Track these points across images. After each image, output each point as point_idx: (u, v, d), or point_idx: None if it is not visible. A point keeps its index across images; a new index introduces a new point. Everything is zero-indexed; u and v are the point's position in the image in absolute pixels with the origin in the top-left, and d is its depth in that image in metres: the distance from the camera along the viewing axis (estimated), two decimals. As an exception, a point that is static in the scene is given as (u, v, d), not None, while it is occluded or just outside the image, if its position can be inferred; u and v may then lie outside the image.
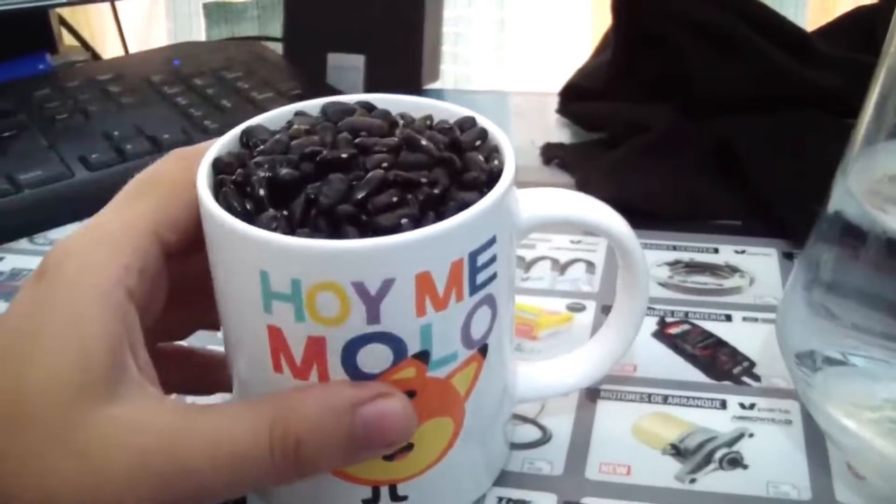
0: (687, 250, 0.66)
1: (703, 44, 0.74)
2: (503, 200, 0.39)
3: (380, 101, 0.45)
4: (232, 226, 0.37)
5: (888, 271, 0.44)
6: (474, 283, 0.39)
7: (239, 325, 0.41)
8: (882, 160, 0.45)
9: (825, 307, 0.46)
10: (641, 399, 0.52)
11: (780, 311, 0.50)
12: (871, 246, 0.44)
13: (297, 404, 0.37)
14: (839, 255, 0.46)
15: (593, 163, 0.75)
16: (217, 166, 0.41)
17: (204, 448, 0.35)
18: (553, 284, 0.62)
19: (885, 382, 0.44)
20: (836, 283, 0.46)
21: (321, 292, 0.37)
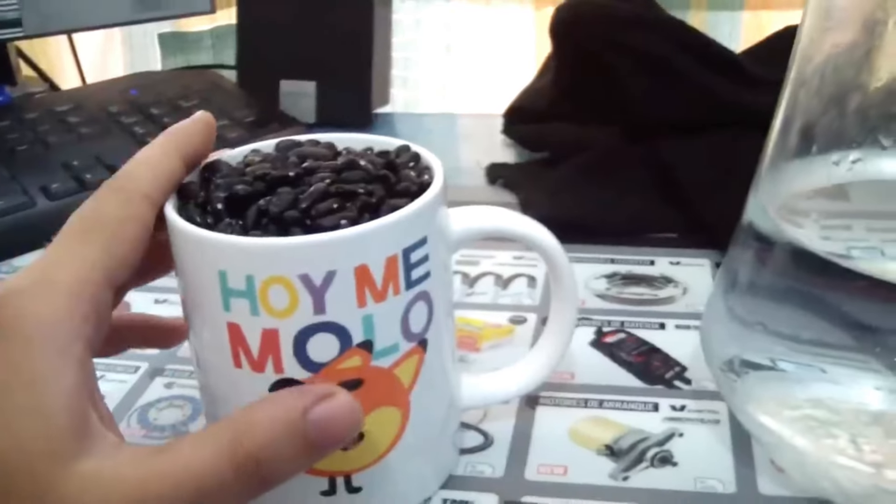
0: (624, 263, 0.69)
1: (639, 68, 0.77)
2: (432, 205, 0.44)
3: (327, 138, 0.49)
4: (194, 233, 0.42)
5: (803, 280, 0.47)
6: (409, 278, 0.43)
7: (202, 327, 0.44)
8: (789, 177, 0.48)
9: (746, 314, 0.49)
10: (578, 404, 0.55)
11: (704, 318, 0.53)
12: (785, 256, 0.47)
13: (249, 424, 0.38)
14: (755, 264, 0.49)
15: (536, 182, 0.78)
16: (181, 193, 0.45)
17: (171, 490, 0.36)
18: (496, 298, 0.65)
19: (807, 384, 0.47)
20: (754, 291, 0.49)
21: (272, 286, 0.41)
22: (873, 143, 0.46)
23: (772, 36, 0.87)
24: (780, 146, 0.48)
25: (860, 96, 0.46)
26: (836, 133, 0.47)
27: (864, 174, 0.47)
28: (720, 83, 0.76)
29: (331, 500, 0.46)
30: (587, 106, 0.81)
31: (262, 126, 0.90)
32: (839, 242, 0.49)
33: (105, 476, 0.36)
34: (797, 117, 0.48)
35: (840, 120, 0.47)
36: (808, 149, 0.48)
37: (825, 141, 0.47)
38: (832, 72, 0.47)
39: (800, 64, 0.48)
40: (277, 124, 0.91)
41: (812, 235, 0.49)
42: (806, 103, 0.47)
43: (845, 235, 0.49)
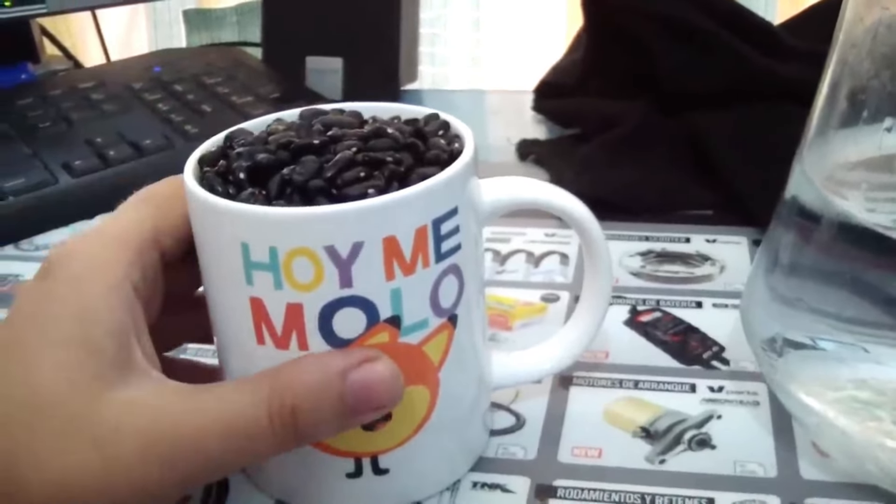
0: (659, 240, 0.67)
1: (672, 40, 0.75)
2: (463, 174, 0.42)
3: (352, 106, 0.48)
4: (214, 203, 0.40)
5: (846, 256, 0.45)
6: (439, 250, 0.41)
7: (224, 303, 0.43)
8: (835, 147, 0.46)
9: (788, 292, 0.48)
10: (613, 385, 0.53)
11: (745, 297, 0.52)
12: (829, 230, 0.45)
13: (291, 376, 0.39)
14: (798, 241, 0.47)
15: (567, 158, 0.76)
16: (202, 161, 0.44)
17: (207, 425, 0.37)
18: (528, 276, 0.64)
19: (850, 364, 0.45)
20: (797, 268, 0.48)
21: (297, 258, 0.39)
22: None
23: (810, 8, 0.85)
24: (827, 114, 0.46)
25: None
26: (890, 97, 0.45)
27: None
28: (755, 54, 0.74)
29: (356, 481, 0.44)
30: (619, 80, 0.79)
31: (287, 102, 0.88)
32: (886, 214, 0.47)
33: (146, 405, 0.37)
34: (846, 82, 0.46)
35: (893, 83, 0.44)
36: (857, 115, 0.46)
37: (877, 106, 0.45)
38: (886, 31, 0.45)
39: (849, 26, 0.46)
40: (303, 101, 0.89)
41: (857, 207, 0.47)
42: (856, 67, 0.45)
43: (892, 207, 0.48)
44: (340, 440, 0.43)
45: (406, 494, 0.46)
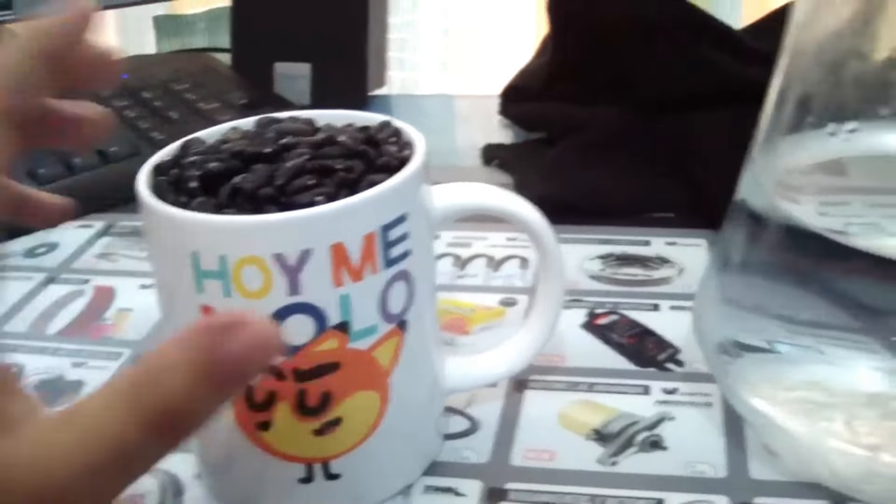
0: (619, 244, 0.68)
1: (637, 43, 0.76)
2: (412, 181, 0.42)
3: (307, 114, 0.48)
4: (164, 211, 0.41)
5: (796, 260, 0.46)
6: (388, 256, 0.42)
7: (175, 311, 0.43)
8: (784, 152, 0.47)
9: (739, 295, 0.48)
10: (568, 388, 0.53)
11: (697, 301, 0.52)
12: (778, 234, 0.46)
13: (150, 374, 0.32)
14: (749, 244, 0.48)
15: (531, 162, 0.77)
16: (157, 170, 0.44)
17: (78, 469, 0.31)
18: (487, 280, 0.64)
19: (803, 366, 0.46)
20: (749, 272, 0.48)
21: (246, 266, 0.40)
22: (871, 114, 0.45)
23: (773, 12, 0.85)
24: (776, 119, 0.47)
25: (859, 65, 0.45)
26: (833, 103, 0.45)
27: (861, 145, 0.46)
28: (720, 58, 0.75)
29: (308, 487, 0.45)
30: (584, 84, 0.80)
31: (255, 108, 0.88)
32: (837, 218, 0.48)
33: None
34: (793, 88, 0.46)
35: (837, 89, 0.45)
36: (804, 121, 0.46)
37: (822, 112, 0.46)
38: (831, 40, 0.45)
39: (797, 33, 0.46)
40: (271, 107, 0.90)
41: (809, 211, 0.48)
42: (802, 73, 0.46)
43: (844, 211, 0.48)
44: (290, 444, 0.43)
45: (358, 499, 0.46)
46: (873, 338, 0.44)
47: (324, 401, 0.42)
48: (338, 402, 0.43)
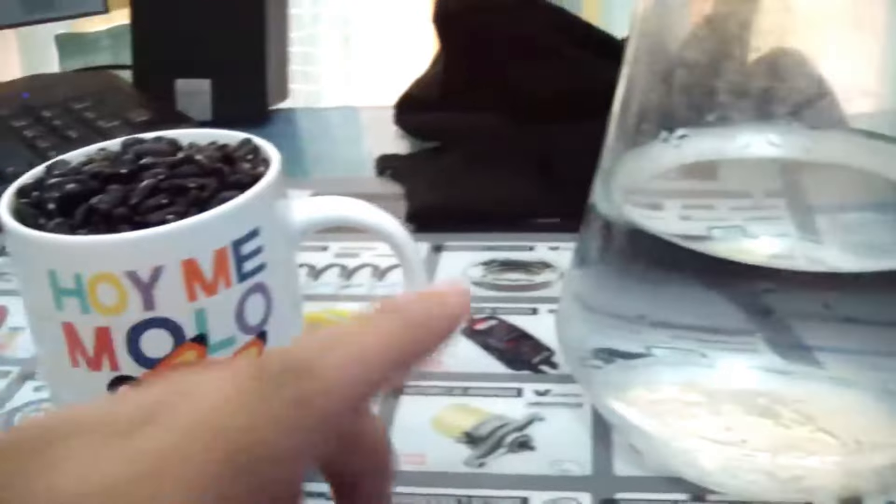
0: (504, 250, 0.69)
1: (523, 53, 0.77)
2: (263, 197, 0.44)
3: (172, 134, 0.49)
4: (22, 233, 0.42)
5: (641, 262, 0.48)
6: (241, 270, 0.43)
7: (40, 329, 0.45)
8: (629, 159, 0.49)
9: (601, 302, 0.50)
10: (443, 392, 0.55)
11: (560, 308, 0.53)
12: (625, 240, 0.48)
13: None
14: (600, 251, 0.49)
15: (422, 171, 0.78)
16: (20, 192, 0.45)
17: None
18: (372, 290, 0.66)
19: (677, 369, 0.47)
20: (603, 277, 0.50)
21: (100, 283, 0.41)
22: (699, 120, 0.47)
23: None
24: (619, 126, 0.49)
25: (685, 73, 0.47)
26: (665, 111, 0.47)
27: (690, 150, 0.47)
28: (602, 66, 0.76)
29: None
30: (473, 93, 0.81)
31: (155, 125, 0.88)
32: (700, 223, 0.49)
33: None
34: (632, 97, 0.48)
35: (668, 98, 0.47)
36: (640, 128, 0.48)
37: (656, 119, 0.47)
38: (661, 49, 0.47)
39: (635, 42, 0.48)
40: (172, 124, 0.90)
41: (671, 216, 0.50)
42: (639, 82, 0.48)
43: (707, 215, 0.50)
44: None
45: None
46: (736, 337, 0.45)
47: (198, 412, 0.43)
48: (201, 412, 0.44)
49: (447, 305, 0.33)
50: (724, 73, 0.47)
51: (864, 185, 0.50)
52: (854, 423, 0.44)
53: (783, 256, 0.49)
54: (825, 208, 0.51)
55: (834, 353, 0.45)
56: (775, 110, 0.47)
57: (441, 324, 0.32)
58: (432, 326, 0.32)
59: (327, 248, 0.71)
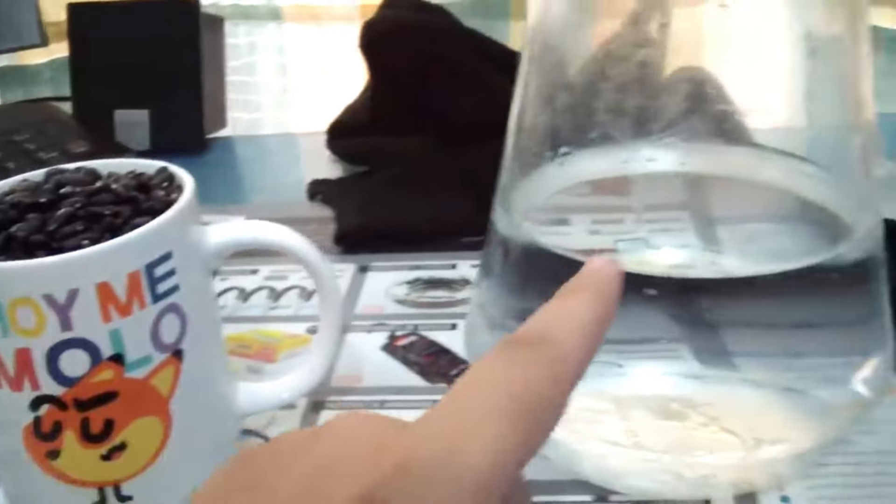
0: (427, 268, 0.72)
1: (446, 78, 0.80)
2: (175, 221, 0.46)
3: (93, 164, 0.51)
4: None
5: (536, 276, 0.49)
6: (155, 292, 0.45)
7: None
8: (527, 182, 0.51)
9: (500, 318, 0.52)
10: (362, 406, 0.57)
11: (467, 322, 0.56)
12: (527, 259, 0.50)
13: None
14: (504, 270, 0.52)
15: (351, 195, 0.81)
16: None
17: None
18: (299, 311, 0.68)
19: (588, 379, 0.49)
20: (506, 294, 0.52)
21: (19, 307, 0.43)
22: (581, 138, 0.50)
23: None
24: (514, 145, 0.51)
25: (566, 96, 0.50)
26: (551, 130, 0.50)
27: (575, 167, 0.50)
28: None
29: (103, 510, 0.48)
30: (400, 118, 0.84)
31: (94, 156, 0.90)
32: (607, 236, 0.52)
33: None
34: (525, 117, 0.51)
35: (553, 119, 0.49)
36: (530, 146, 0.50)
37: (543, 139, 0.50)
38: (547, 72, 0.50)
39: (525, 67, 0.51)
40: (111, 154, 0.92)
41: (578, 231, 0.52)
42: (529, 102, 0.50)
43: (615, 229, 0.52)
44: (80, 470, 0.46)
45: (152, 520, 0.49)
46: (667, 345, 0.47)
47: (107, 428, 0.46)
48: (120, 428, 0.46)
49: (604, 271, 0.35)
50: (612, 92, 0.49)
51: (763, 197, 0.53)
52: (755, 421, 0.47)
53: (684, 266, 0.51)
54: (726, 220, 0.53)
55: (745, 356, 0.47)
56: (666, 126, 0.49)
57: (613, 289, 0.34)
58: (611, 293, 0.34)
59: (258, 272, 0.73)
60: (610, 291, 0.34)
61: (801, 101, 0.50)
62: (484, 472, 0.28)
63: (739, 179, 0.53)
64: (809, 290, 0.47)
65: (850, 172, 0.51)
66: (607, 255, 0.50)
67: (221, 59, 1.03)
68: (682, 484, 0.48)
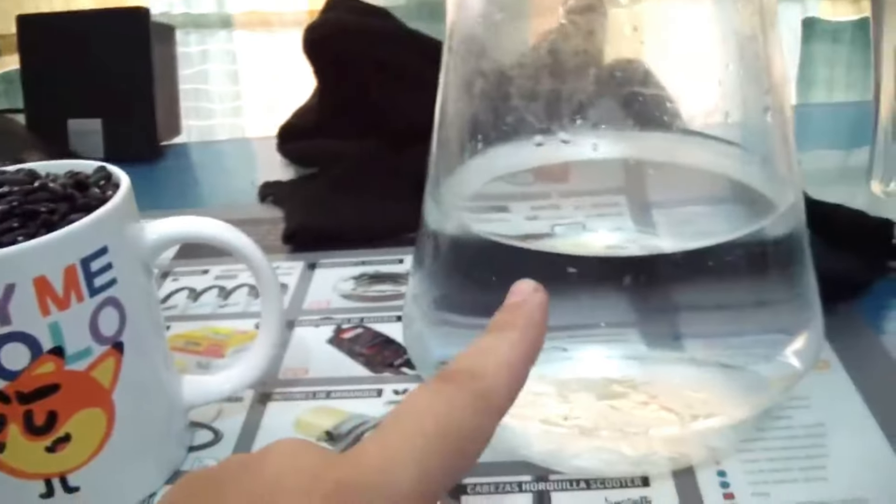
0: (374, 264, 0.73)
1: (387, 79, 0.81)
2: (110, 217, 0.47)
3: (32, 166, 0.53)
4: None
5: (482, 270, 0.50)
6: (92, 286, 0.46)
7: None
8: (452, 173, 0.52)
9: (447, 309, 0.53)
10: (308, 397, 0.58)
11: (404, 314, 0.57)
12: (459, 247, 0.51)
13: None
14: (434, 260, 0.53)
15: (299, 196, 0.82)
16: None
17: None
18: (248, 307, 0.69)
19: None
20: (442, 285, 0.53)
21: None
22: (494, 125, 0.51)
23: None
24: (438, 136, 0.53)
25: (483, 82, 0.51)
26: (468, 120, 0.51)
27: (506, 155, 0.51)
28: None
29: (51, 501, 0.49)
30: (345, 119, 0.85)
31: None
32: (545, 221, 0.53)
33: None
34: (446, 109, 0.52)
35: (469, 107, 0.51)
36: (451, 137, 0.52)
37: (464, 128, 0.51)
38: (462, 60, 0.51)
39: (445, 55, 0.52)
40: (65, 163, 0.94)
41: (517, 218, 0.53)
42: (450, 94, 0.52)
43: (553, 214, 0.53)
44: (26, 462, 0.47)
45: (101, 509, 0.50)
46: (611, 329, 0.48)
47: (50, 420, 0.47)
48: (64, 420, 0.47)
49: (530, 302, 0.38)
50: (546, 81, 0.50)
51: (695, 180, 0.54)
52: (693, 398, 0.48)
53: (619, 247, 0.53)
54: (660, 203, 0.54)
55: (684, 337, 0.49)
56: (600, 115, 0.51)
57: (540, 318, 0.38)
58: (538, 324, 0.38)
59: (208, 272, 0.74)
60: (537, 321, 0.38)
61: (727, 88, 0.51)
62: (411, 491, 0.31)
63: (673, 164, 0.54)
64: (739, 265, 0.48)
65: (772, 154, 0.52)
66: (544, 240, 0.51)
67: (173, 67, 1.04)
68: (622, 461, 0.50)
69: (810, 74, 2.25)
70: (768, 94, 0.50)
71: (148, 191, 0.59)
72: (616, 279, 0.47)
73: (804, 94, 2.28)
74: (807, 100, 2.30)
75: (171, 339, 0.64)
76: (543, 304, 0.38)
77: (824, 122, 1.02)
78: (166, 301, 0.71)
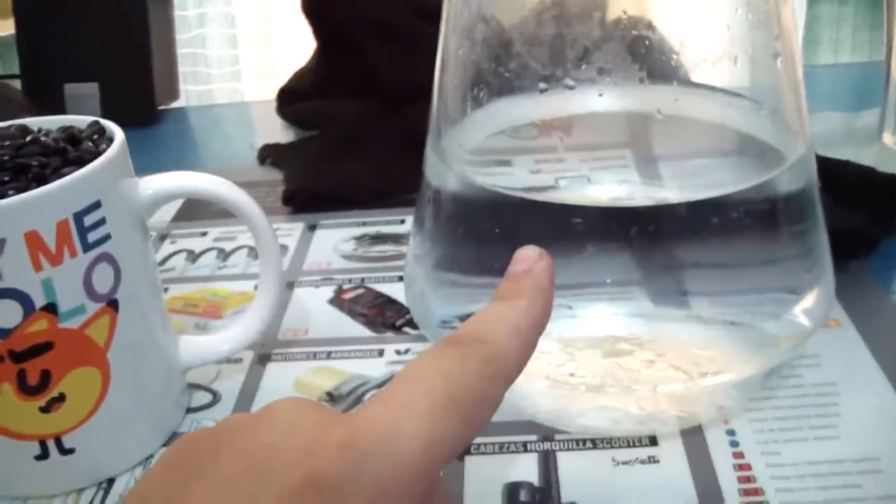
0: (375, 224, 0.72)
1: (384, 41, 0.80)
2: (103, 170, 0.46)
3: (24, 121, 0.52)
4: None
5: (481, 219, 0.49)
6: (86, 241, 0.45)
7: None
8: (456, 125, 0.51)
9: (449, 267, 0.52)
10: (307, 357, 0.57)
11: (406, 274, 0.56)
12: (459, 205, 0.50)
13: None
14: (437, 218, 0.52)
15: (298, 158, 0.81)
16: None
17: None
18: (247, 269, 0.68)
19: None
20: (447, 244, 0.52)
21: None
22: (496, 73, 0.49)
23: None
24: (439, 90, 0.51)
25: (485, 28, 0.50)
26: (468, 71, 0.50)
27: (510, 108, 0.50)
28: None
29: (45, 463, 0.48)
30: (345, 81, 0.84)
31: (45, 130, 0.91)
32: (549, 174, 0.52)
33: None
34: (447, 63, 0.51)
35: (469, 57, 0.50)
36: (453, 90, 0.51)
37: (466, 81, 0.50)
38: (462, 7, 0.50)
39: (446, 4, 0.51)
40: (62, 127, 0.93)
41: (521, 171, 0.52)
42: (450, 48, 0.51)
43: (557, 167, 0.52)
44: (21, 424, 0.46)
45: (97, 471, 0.49)
46: (598, 286, 0.47)
47: (44, 379, 0.46)
48: (58, 379, 0.46)
49: (536, 269, 0.38)
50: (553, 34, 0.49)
51: (703, 132, 0.53)
52: (700, 355, 0.47)
53: (625, 199, 0.51)
54: (668, 156, 0.53)
55: (692, 294, 0.48)
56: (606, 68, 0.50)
57: (547, 284, 0.37)
58: (545, 290, 0.37)
59: (207, 234, 0.73)
60: (544, 287, 0.37)
61: (735, 33, 0.50)
62: (418, 456, 0.30)
63: (679, 116, 0.53)
64: (747, 219, 0.47)
65: (782, 103, 0.51)
66: (549, 192, 0.50)
67: (171, 31, 1.03)
68: (628, 420, 0.49)
69: (816, 36, 2.24)
70: (778, 39, 0.48)
71: (146, 155, 0.58)
72: (622, 232, 0.46)
73: (810, 55, 2.27)
74: (813, 61, 2.28)
75: (169, 301, 0.63)
76: (549, 269, 0.38)
77: (830, 84, 1.00)
78: (165, 263, 0.70)
